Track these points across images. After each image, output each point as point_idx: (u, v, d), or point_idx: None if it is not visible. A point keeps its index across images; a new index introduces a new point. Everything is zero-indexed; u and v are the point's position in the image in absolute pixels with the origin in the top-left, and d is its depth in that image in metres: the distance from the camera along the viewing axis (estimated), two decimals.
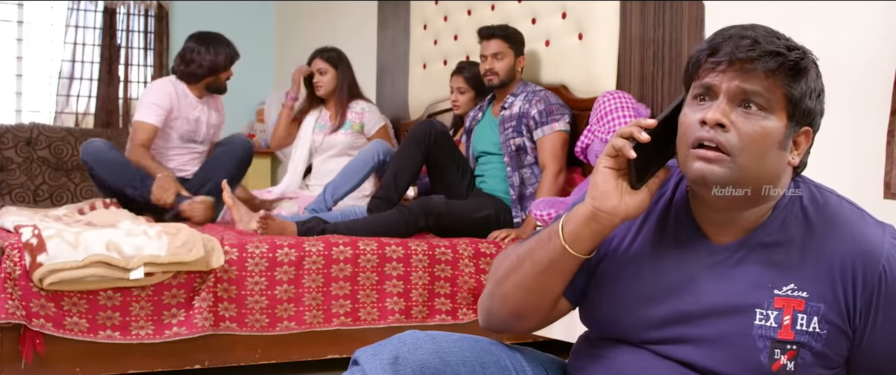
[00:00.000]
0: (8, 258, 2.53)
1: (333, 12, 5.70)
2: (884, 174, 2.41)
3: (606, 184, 1.16)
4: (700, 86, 1.15)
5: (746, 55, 1.11)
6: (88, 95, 5.95)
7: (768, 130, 1.12)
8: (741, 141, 1.11)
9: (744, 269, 1.17)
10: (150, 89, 3.94)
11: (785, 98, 1.12)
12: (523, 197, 3.46)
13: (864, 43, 2.55)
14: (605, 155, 1.17)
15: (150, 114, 3.77)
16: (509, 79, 3.57)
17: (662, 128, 1.17)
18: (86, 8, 5.94)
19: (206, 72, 3.85)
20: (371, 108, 4.09)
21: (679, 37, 3.19)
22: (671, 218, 1.24)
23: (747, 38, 1.12)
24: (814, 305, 1.14)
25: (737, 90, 1.12)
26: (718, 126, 1.11)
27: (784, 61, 1.11)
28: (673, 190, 1.26)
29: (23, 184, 5.13)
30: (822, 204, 1.18)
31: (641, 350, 1.22)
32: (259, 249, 2.85)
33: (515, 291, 1.25)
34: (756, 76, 1.11)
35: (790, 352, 1.13)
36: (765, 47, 1.11)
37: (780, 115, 1.13)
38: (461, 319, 3.10)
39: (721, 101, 1.13)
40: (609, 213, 1.16)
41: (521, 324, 1.29)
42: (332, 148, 4.03)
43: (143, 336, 2.65)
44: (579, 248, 1.19)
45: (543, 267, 1.22)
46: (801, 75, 1.13)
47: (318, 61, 4.05)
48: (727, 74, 1.12)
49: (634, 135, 1.14)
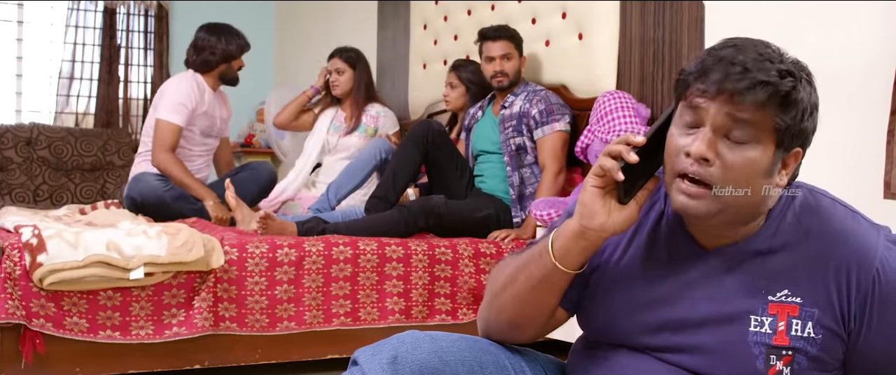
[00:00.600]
0: (8, 258, 2.53)
1: (333, 12, 5.70)
2: (884, 174, 2.41)
3: (594, 204, 1.16)
4: (688, 110, 1.13)
5: (734, 87, 1.07)
6: (88, 95, 5.94)
7: (754, 161, 1.10)
8: (725, 174, 1.10)
9: (737, 276, 1.17)
10: (174, 87, 3.82)
11: (774, 128, 1.09)
12: (523, 196, 3.46)
13: (863, 43, 2.55)
14: (592, 174, 1.16)
15: (176, 115, 3.70)
16: (517, 79, 3.57)
17: (651, 141, 1.15)
18: (86, 8, 5.94)
19: (219, 60, 3.83)
20: (386, 113, 4.08)
21: (679, 37, 3.19)
22: (663, 228, 1.24)
23: (738, 65, 1.08)
24: (808, 310, 1.13)
25: (723, 121, 1.09)
26: (703, 160, 1.10)
27: (775, 92, 1.07)
28: (664, 200, 1.26)
29: (23, 184, 5.13)
30: (815, 208, 1.18)
31: (640, 353, 1.22)
32: (259, 249, 2.85)
33: (511, 304, 1.26)
34: (744, 108, 1.08)
35: (786, 358, 1.13)
36: (755, 77, 1.07)
37: (767, 145, 1.10)
38: (461, 319, 3.10)
39: (706, 132, 1.10)
40: (597, 231, 1.17)
41: (519, 335, 1.30)
42: (346, 150, 4.02)
43: (143, 336, 2.65)
44: (569, 264, 1.20)
45: (536, 282, 1.23)
46: (793, 105, 1.09)
47: (337, 61, 4.03)
48: (715, 103, 1.09)
49: (623, 156, 1.12)
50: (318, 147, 4.08)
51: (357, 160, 3.74)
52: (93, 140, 5.35)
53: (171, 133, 3.69)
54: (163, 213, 3.48)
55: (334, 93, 4.08)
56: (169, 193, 3.52)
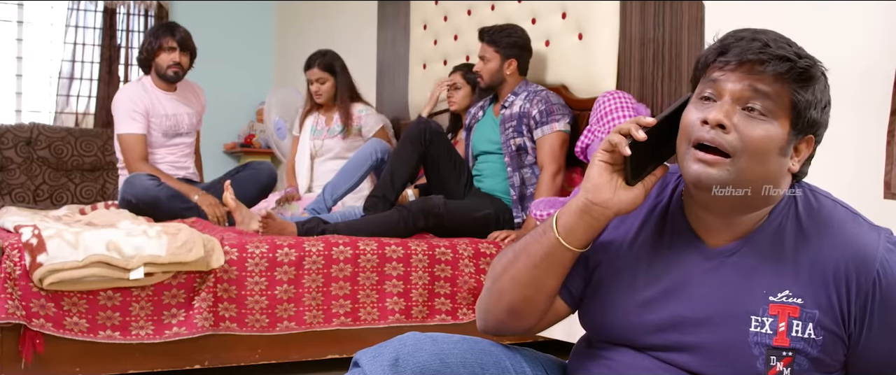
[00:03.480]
0: (8, 258, 2.53)
1: (333, 12, 5.70)
2: (884, 174, 2.41)
3: (600, 178, 1.16)
4: (706, 85, 1.15)
5: (756, 57, 1.10)
6: (88, 95, 5.94)
7: (770, 135, 1.12)
8: (742, 142, 1.11)
9: (738, 275, 1.17)
10: (119, 98, 3.78)
11: (790, 104, 1.12)
12: (524, 197, 3.46)
13: (864, 43, 2.55)
14: (601, 149, 1.17)
15: (132, 124, 3.67)
16: (496, 82, 3.56)
17: (663, 126, 1.16)
18: (86, 8, 5.94)
19: (146, 57, 3.77)
20: (368, 111, 4.07)
21: (679, 37, 3.19)
22: (667, 225, 1.24)
23: (758, 41, 1.11)
24: (809, 311, 1.13)
25: (743, 91, 1.11)
26: (719, 127, 1.11)
27: (793, 66, 1.10)
28: (669, 198, 1.26)
29: (23, 184, 5.13)
30: (817, 209, 1.18)
31: (641, 354, 1.22)
32: (259, 249, 2.85)
33: (511, 286, 1.25)
34: (764, 79, 1.11)
35: (786, 359, 1.13)
36: (775, 51, 1.10)
37: (783, 122, 1.12)
38: (461, 319, 3.10)
39: (725, 102, 1.12)
40: (601, 206, 1.16)
41: (517, 323, 1.29)
42: (330, 151, 4.03)
43: (143, 337, 2.65)
44: (573, 241, 1.19)
45: (538, 260, 1.22)
46: (810, 83, 1.12)
47: (316, 71, 3.98)
48: (735, 74, 1.12)
49: (632, 133, 1.13)
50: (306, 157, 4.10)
51: (352, 160, 3.73)
52: (93, 140, 5.35)
53: (135, 143, 3.67)
54: (159, 212, 3.47)
55: (318, 101, 4.04)
56: (162, 192, 3.50)
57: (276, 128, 5.35)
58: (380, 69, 5.24)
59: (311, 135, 4.10)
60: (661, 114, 1.18)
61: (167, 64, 3.76)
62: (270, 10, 6.57)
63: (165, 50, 3.75)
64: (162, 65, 3.76)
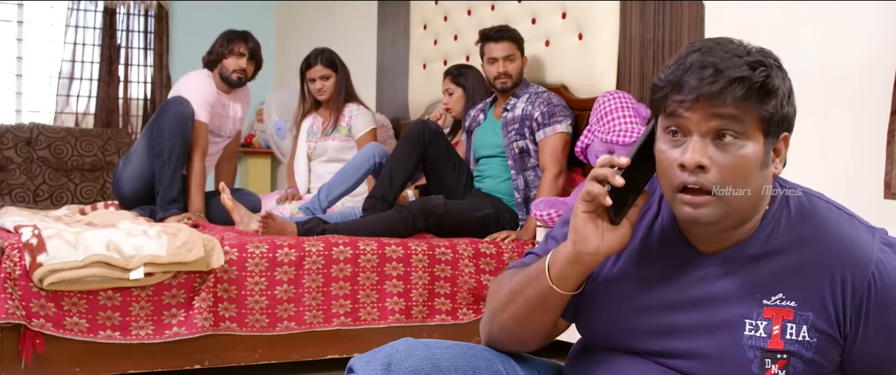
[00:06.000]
0: (8, 258, 2.53)
1: (333, 12, 5.70)
2: (884, 174, 2.41)
3: (586, 228, 1.15)
4: (670, 120, 1.13)
5: (710, 90, 1.08)
6: (88, 95, 5.94)
7: (747, 157, 1.10)
8: (723, 176, 1.10)
9: (732, 280, 1.17)
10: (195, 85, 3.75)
11: (759, 118, 1.10)
12: (528, 199, 3.45)
13: (863, 43, 2.55)
14: (580, 200, 1.15)
15: (202, 113, 3.67)
16: (519, 80, 3.56)
17: (635, 159, 1.15)
18: (86, 8, 5.94)
19: (214, 58, 3.79)
20: (360, 111, 3.99)
21: (679, 37, 3.19)
22: (657, 233, 1.24)
23: (708, 67, 1.08)
24: (803, 314, 1.13)
25: (709, 124, 1.09)
26: (699, 168, 1.10)
27: (751, 86, 1.08)
28: (658, 205, 1.26)
29: (23, 184, 5.13)
30: (810, 211, 1.18)
31: (637, 357, 1.22)
32: (259, 249, 2.85)
33: (512, 323, 1.27)
34: (726, 107, 1.08)
35: (781, 361, 1.13)
36: (729, 75, 1.07)
37: (756, 136, 1.10)
38: (461, 319, 3.11)
39: (695, 140, 1.10)
40: (592, 254, 1.16)
41: (523, 347, 1.32)
42: (324, 153, 4.02)
43: (143, 337, 2.65)
44: (566, 287, 1.20)
45: (534, 303, 1.23)
46: (771, 94, 1.09)
47: (319, 68, 3.95)
48: (696, 112, 1.09)
49: (609, 179, 1.12)
50: (303, 155, 4.09)
51: (350, 163, 3.69)
52: (93, 140, 5.34)
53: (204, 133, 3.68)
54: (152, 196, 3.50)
55: (320, 98, 4.01)
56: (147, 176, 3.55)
57: (276, 128, 5.35)
58: (380, 69, 5.24)
59: (307, 137, 4.08)
60: (632, 150, 1.16)
61: (233, 68, 3.78)
62: (270, 10, 6.57)
63: (235, 54, 3.78)
64: (228, 68, 3.79)
